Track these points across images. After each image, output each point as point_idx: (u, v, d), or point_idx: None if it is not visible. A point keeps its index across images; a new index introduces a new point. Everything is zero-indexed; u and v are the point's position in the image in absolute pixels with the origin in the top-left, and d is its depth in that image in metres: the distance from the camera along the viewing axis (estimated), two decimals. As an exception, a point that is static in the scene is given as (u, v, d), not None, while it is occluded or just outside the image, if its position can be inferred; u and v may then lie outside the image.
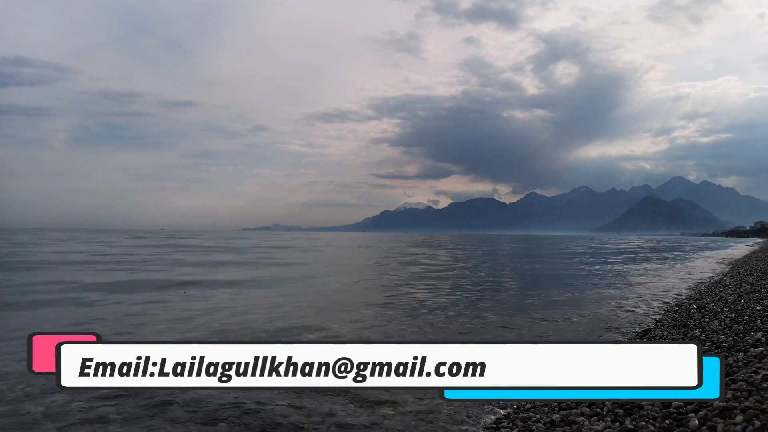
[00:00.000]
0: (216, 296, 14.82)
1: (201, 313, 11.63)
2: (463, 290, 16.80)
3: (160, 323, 10.52)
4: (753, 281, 14.77)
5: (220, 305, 12.96)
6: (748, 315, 8.56)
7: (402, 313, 11.98)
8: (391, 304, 13.30)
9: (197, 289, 16.34)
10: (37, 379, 5.93)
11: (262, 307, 12.68)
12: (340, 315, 11.64)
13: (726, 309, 9.82)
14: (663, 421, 4.02)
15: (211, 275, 21.82)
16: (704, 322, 8.90)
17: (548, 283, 20.35)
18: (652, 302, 13.71)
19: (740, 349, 5.91)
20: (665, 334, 8.59)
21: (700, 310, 10.60)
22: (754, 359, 5.29)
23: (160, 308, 12.43)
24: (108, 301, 13.62)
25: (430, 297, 14.85)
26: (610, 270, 26.54)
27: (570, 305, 13.36)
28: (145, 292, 15.69)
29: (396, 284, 18.54)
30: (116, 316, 11.26)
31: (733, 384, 4.39)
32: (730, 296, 11.89)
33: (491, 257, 39.87)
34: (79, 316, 11.28)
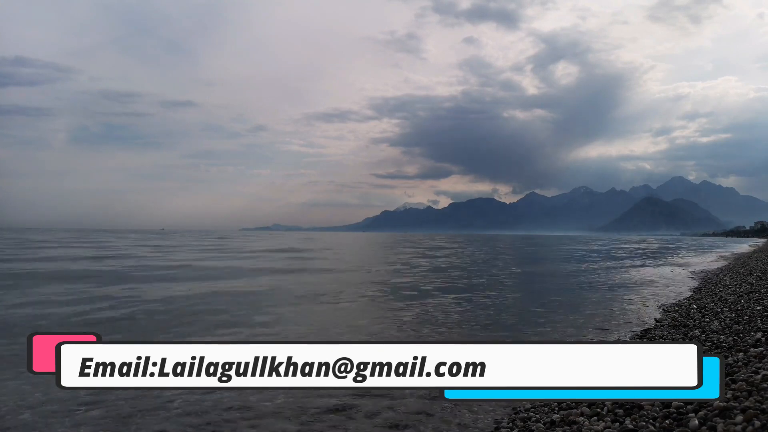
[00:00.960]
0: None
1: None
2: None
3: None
4: (753, 281, 14.77)
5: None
6: (748, 315, 8.55)
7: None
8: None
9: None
10: (37, 379, 5.92)
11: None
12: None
13: (726, 309, 9.81)
14: (663, 421, 4.02)
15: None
16: (704, 322, 8.90)
17: (550, 283, 20.34)
18: (652, 302, 13.70)
19: (740, 349, 5.91)
20: (665, 334, 8.58)
21: (700, 310, 10.60)
22: (754, 359, 5.29)
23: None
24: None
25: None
26: (610, 270, 26.53)
27: (570, 305, 13.36)
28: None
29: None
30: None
31: (733, 384, 4.39)
32: (730, 296, 11.88)
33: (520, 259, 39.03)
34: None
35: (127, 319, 11.06)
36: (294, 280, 20.32)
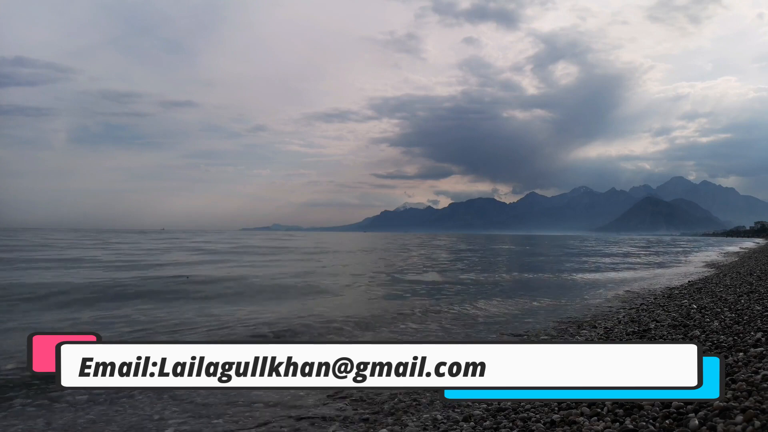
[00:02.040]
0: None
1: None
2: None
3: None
4: (753, 281, 14.77)
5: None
6: (748, 315, 8.55)
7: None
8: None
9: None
10: (36, 378, 5.93)
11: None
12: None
13: (726, 309, 9.81)
14: (663, 421, 4.01)
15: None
16: (704, 322, 8.90)
17: (552, 284, 20.35)
18: (651, 302, 13.68)
19: (740, 349, 5.91)
20: (665, 334, 8.58)
21: (700, 310, 10.59)
22: (754, 359, 5.29)
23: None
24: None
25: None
26: (609, 270, 26.52)
27: (570, 305, 13.36)
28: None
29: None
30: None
31: (733, 384, 4.38)
32: (730, 296, 11.88)
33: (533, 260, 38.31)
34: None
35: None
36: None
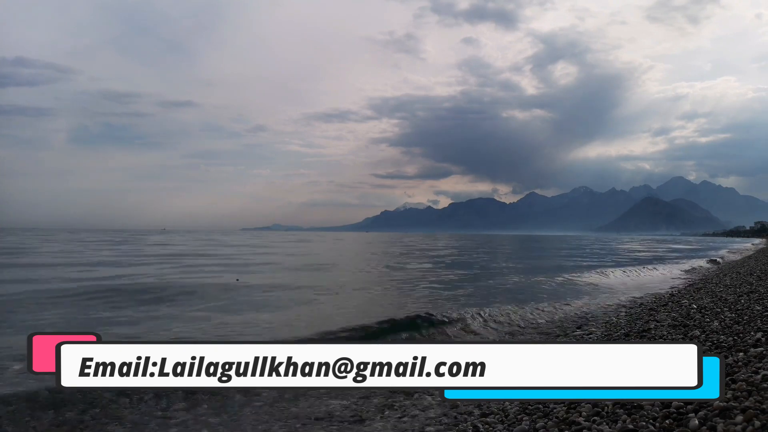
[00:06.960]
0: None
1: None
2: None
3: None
4: (753, 281, 14.76)
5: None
6: (748, 315, 8.55)
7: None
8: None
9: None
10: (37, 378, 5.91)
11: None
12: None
13: (726, 309, 9.80)
14: (663, 421, 4.01)
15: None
16: (704, 322, 8.89)
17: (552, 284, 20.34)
18: (651, 302, 13.69)
19: (740, 349, 5.91)
20: (665, 334, 8.57)
21: (700, 310, 10.58)
22: (754, 359, 5.28)
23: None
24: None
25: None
26: (609, 270, 26.48)
27: (570, 305, 13.36)
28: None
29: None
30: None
31: (733, 384, 4.38)
32: (730, 296, 11.87)
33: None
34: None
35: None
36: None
